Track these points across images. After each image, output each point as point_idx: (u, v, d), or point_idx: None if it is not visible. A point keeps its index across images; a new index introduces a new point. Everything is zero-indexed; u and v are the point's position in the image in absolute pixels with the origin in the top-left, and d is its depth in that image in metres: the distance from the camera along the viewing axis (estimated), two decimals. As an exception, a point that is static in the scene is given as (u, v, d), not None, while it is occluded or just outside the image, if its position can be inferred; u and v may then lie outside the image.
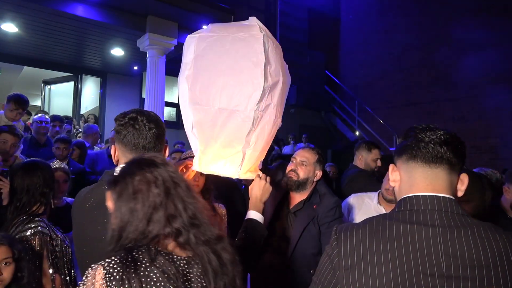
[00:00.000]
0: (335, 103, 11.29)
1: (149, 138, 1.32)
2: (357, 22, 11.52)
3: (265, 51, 1.46)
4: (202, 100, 1.50)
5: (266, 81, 1.45)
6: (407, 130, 1.10)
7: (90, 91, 9.05)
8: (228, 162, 1.55)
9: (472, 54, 8.39)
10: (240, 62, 1.46)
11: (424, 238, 0.90)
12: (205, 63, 1.52)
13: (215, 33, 1.56)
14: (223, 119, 1.48)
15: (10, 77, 8.93)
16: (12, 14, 5.20)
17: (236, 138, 1.50)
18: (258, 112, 1.48)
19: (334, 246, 1.00)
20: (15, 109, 3.57)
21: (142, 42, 5.82)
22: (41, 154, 3.78)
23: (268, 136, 1.58)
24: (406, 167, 1.03)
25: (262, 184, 1.61)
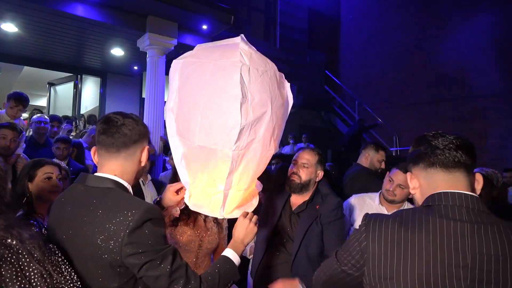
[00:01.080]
0: (335, 103, 11.29)
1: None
2: (357, 22, 11.52)
3: (242, 84, 1.30)
4: (185, 134, 1.40)
5: (246, 118, 1.29)
6: (419, 138, 1.14)
7: (90, 91, 9.06)
8: (213, 201, 1.45)
9: (472, 54, 8.39)
10: (218, 96, 1.32)
11: (452, 232, 0.96)
12: (186, 94, 1.40)
13: (198, 58, 1.42)
14: (205, 156, 1.36)
15: (10, 77, 8.93)
16: (12, 14, 5.20)
17: (217, 177, 1.39)
18: (239, 152, 1.33)
19: (363, 231, 1.07)
20: (15, 106, 3.63)
21: (142, 42, 5.81)
22: (41, 154, 3.78)
23: (255, 172, 1.45)
24: (425, 174, 1.09)
25: (246, 224, 1.46)
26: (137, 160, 1.30)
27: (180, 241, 1.96)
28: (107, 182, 1.22)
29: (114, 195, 1.18)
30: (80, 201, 1.18)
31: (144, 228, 1.10)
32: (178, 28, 5.83)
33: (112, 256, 1.09)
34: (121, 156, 1.25)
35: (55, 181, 1.88)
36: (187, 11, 5.60)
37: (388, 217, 1.07)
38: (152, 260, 1.10)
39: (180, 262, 1.17)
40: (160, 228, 1.16)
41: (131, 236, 1.08)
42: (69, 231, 1.16)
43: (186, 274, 1.16)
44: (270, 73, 1.43)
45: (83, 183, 1.23)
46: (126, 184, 1.26)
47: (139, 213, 1.10)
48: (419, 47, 9.56)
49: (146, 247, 1.10)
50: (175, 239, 1.97)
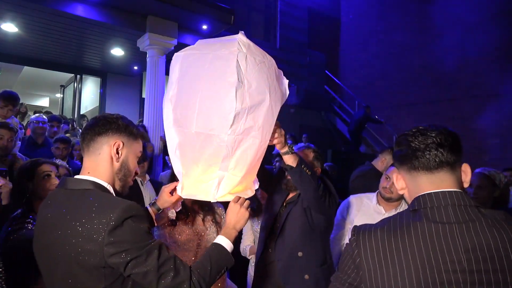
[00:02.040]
0: (335, 103, 11.30)
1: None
2: (357, 22, 11.52)
3: (238, 70, 1.34)
4: (182, 122, 1.42)
5: (242, 103, 1.33)
6: (398, 138, 1.11)
7: (90, 91, 9.06)
8: (208, 186, 1.47)
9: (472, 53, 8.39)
10: (216, 83, 1.36)
11: (442, 236, 0.93)
12: (186, 83, 1.44)
13: (198, 50, 1.47)
14: (201, 143, 1.39)
15: (10, 77, 8.94)
16: (12, 14, 5.20)
17: (214, 163, 1.41)
18: (235, 137, 1.36)
19: (355, 246, 1.03)
20: (5, 106, 3.40)
21: (142, 42, 5.81)
22: (39, 154, 3.78)
23: (253, 161, 1.46)
24: (409, 177, 1.06)
25: (237, 209, 1.44)
26: (108, 156, 1.25)
27: (179, 240, 1.97)
28: (85, 183, 1.20)
29: (92, 196, 1.16)
30: (61, 205, 1.18)
31: (125, 226, 1.09)
32: (178, 28, 5.83)
33: (95, 258, 1.08)
34: (90, 151, 1.25)
35: (54, 179, 1.91)
36: (187, 11, 5.59)
37: (377, 227, 1.03)
38: (137, 257, 1.09)
39: (167, 255, 1.15)
40: (142, 225, 1.14)
41: (111, 235, 1.07)
42: (52, 235, 1.14)
43: (175, 267, 1.15)
44: (268, 64, 1.47)
45: (64, 186, 1.22)
46: (106, 184, 1.23)
47: (118, 212, 1.09)
48: (419, 47, 9.56)
49: (128, 245, 1.08)
50: (173, 239, 1.98)
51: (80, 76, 8.42)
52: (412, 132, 1.06)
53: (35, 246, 1.22)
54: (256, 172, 1.59)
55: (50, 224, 1.16)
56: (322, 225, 2.06)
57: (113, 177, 1.27)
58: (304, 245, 2.02)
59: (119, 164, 1.27)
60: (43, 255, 1.19)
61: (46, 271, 1.20)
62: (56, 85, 9.60)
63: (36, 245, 1.22)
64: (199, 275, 1.20)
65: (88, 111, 8.96)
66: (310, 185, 1.81)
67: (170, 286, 1.13)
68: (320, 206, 1.93)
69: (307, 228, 2.03)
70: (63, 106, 9.51)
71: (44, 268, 1.21)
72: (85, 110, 8.86)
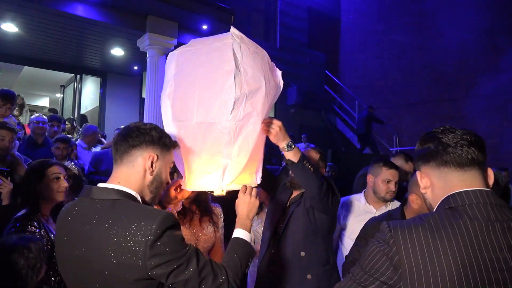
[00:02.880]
0: (335, 103, 11.30)
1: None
2: (357, 22, 11.53)
3: (235, 58, 1.39)
4: (182, 116, 1.45)
5: (240, 89, 1.37)
6: (427, 135, 1.08)
7: (90, 91, 9.06)
8: (213, 177, 1.48)
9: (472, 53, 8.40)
10: (214, 73, 1.41)
11: (485, 233, 0.91)
12: (183, 78, 1.48)
13: (193, 47, 1.52)
14: (202, 133, 1.42)
15: (10, 77, 8.94)
16: (12, 14, 5.20)
17: (217, 152, 1.43)
18: (236, 122, 1.39)
19: (392, 244, 0.96)
20: (3, 105, 3.35)
21: (142, 42, 5.82)
22: (39, 154, 3.78)
23: (255, 147, 1.49)
24: (438, 173, 1.03)
25: (247, 199, 1.44)
26: (141, 168, 1.22)
27: None
28: (113, 193, 1.16)
29: (123, 207, 1.12)
30: (89, 216, 1.12)
31: (165, 237, 1.07)
32: (178, 28, 5.83)
33: (136, 271, 1.06)
34: (123, 162, 1.22)
35: (63, 181, 1.89)
36: (187, 11, 5.60)
37: (416, 224, 0.97)
38: (179, 266, 1.08)
39: (204, 259, 1.16)
40: (179, 233, 1.14)
41: (153, 248, 1.05)
42: (85, 248, 1.11)
43: (212, 269, 1.16)
44: (261, 55, 1.53)
45: (89, 196, 1.18)
46: (134, 193, 1.20)
47: (158, 223, 1.07)
48: (419, 47, 9.57)
49: (170, 256, 1.07)
50: None
51: (80, 76, 8.42)
52: (440, 129, 1.05)
53: (61, 258, 1.18)
54: (258, 161, 1.61)
55: (81, 236, 1.12)
56: (325, 225, 2.06)
57: (143, 188, 1.24)
58: (307, 245, 2.02)
59: (152, 176, 1.24)
60: (73, 268, 1.14)
61: (76, 284, 1.16)
62: (56, 85, 9.60)
63: (62, 257, 1.17)
64: (233, 273, 1.22)
65: (88, 111, 8.96)
66: (314, 181, 1.81)
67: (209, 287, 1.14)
68: (323, 204, 1.92)
69: (310, 228, 2.03)
70: (63, 106, 9.51)
71: (73, 281, 1.16)
72: (85, 110, 8.86)
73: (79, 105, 8.53)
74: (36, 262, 1.42)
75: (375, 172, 2.41)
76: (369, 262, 1.01)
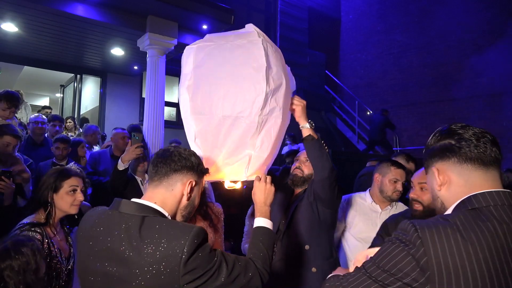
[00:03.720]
0: (335, 103, 11.30)
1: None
2: (357, 22, 11.52)
3: (265, 56, 1.46)
4: (205, 109, 1.49)
5: (269, 85, 1.44)
6: (447, 131, 1.03)
7: (90, 91, 9.06)
8: (235, 167, 1.53)
9: (472, 53, 8.39)
10: (240, 69, 1.46)
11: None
12: (205, 72, 1.52)
13: (213, 42, 1.57)
14: (227, 126, 1.47)
15: (10, 77, 8.94)
16: (12, 14, 5.20)
17: (241, 144, 1.49)
18: (263, 116, 1.47)
19: (419, 244, 0.89)
20: (8, 108, 3.27)
21: (142, 42, 5.81)
22: (38, 154, 3.78)
23: (276, 139, 1.57)
24: (459, 170, 0.98)
25: (263, 187, 1.49)
26: (179, 193, 1.22)
27: None
28: (143, 209, 1.15)
29: (153, 224, 1.10)
30: (119, 232, 1.10)
31: (197, 253, 1.07)
32: (178, 28, 5.82)
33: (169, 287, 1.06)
34: (162, 185, 1.21)
35: (79, 193, 1.84)
36: (187, 11, 5.59)
37: (444, 225, 0.91)
38: (211, 276, 1.10)
39: (231, 260, 1.17)
40: (208, 245, 1.14)
41: (188, 265, 1.05)
42: (112, 266, 1.08)
43: (242, 267, 1.18)
44: (279, 53, 1.62)
45: (117, 209, 1.16)
46: (166, 214, 1.19)
47: (189, 242, 1.06)
48: (419, 47, 9.56)
49: (203, 270, 1.08)
50: None
51: (80, 76, 8.41)
52: (459, 126, 1.01)
53: (86, 272, 1.15)
54: (273, 155, 1.66)
55: (109, 251, 1.09)
56: (328, 219, 2.09)
57: (177, 212, 1.25)
58: (311, 238, 2.05)
59: (187, 202, 1.26)
60: (99, 284, 1.11)
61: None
62: (56, 85, 9.60)
63: (87, 271, 1.14)
64: (262, 261, 1.25)
65: (88, 111, 8.96)
66: (327, 162, 1.84)
67: (243, 284, 1.16)
68: (330, 191, 1.94)
69: (315, 222, 2.06)
70: (63, 106, 9.52)
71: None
72: (85, 110, 8.86)
73: (79, 105, 8.53)
74: (28, 265, 1.41)
75: (383, 172, 2.42)
76: (389, 261, 0.93)
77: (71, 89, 8.85)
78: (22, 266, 1.40)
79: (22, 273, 1.39)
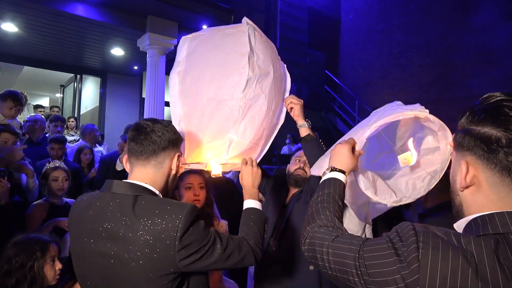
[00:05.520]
0: (335, 103, 11.29)
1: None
2: (357, 22, 11.52)
3: (250, 42, 1.51)
4: (191, 92, 1.54)
5: (252, 70, 1.47)
6: (494, 106, 0.73)
7: (90, 91, 9.06)
8: (218, 151, 1.56)
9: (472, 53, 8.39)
10: (228, 55, 1.52)
11: None
12: (196, 58, 1.58)
13: (206, 32, 1.65)
14: (211, 109, 1.51)
15: (10, 77, 8.94)
16: (12, 14, 5.20)
17: (224, 128, 1.52)
18: (246, 101, 1.49)
19: (414, 269, 0.69)
20: (14, 106, 3.43)
21: (142, 42, 5.82)
22: (35, 152, 3.79)
23: (259, 127, 1.57)
24: (496, 182, 0.71)
25: (249, 170, 1.51)
26: (167, 168, 1.24)
27: None
28: (134, 188, 1.16)
29: (147, 203, 1.11)
30: (113, 212, 1.11)
31: (191, 230, 1.09)
32: (178, 28, 5.83)
33: (165, 266, 1.07)
34: (150, 163, 1.21)
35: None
36: (187, 11, 5.60)
37: (455, 250, 0.67)
38: (206, 252, 1.12)
39: (225, 238, 1.19)
40: (202, 221, 1.15)
41: (183, 241, 1.07)
42: (107, 245, 1.09)
43: (234, 243, 1.20)
44: (270, 45, 1.66)
45: (109, 190, 1.17)
46: (157, 192, 1.21)
47: (183, 219, 1.07)
48: (419, 47, 9.56)
49: (199, 245, 1.10)
50: None
51: (80, 76, 8.41)
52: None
53: (83, 254, 1.15)
54: (262, 146, 1.67)
55: (104, 232, 1.10)
56: None
57: (163, 185, 1.26)
58: None
59: (174, 173, 1.28)
60: (95, 265, 1.12)
61: (97, 281, 1.14)
62: (56, 85, 9.60)
63: (85, 253, 1.14)
64: (254, 239, 1.29)
65: (88, 111, 8.96)
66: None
67: (237, 261, 1.19)
68: None
69: None
70: (63, 106, 9.52)
71: (93, 278, 1.14)
72: (85, 110, 8.86)
73: (79, 105, 8.53)
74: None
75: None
76: (376, 267, 0.75)
77: (71, 89, 8.84)
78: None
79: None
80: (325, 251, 0.88)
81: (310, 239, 0.96)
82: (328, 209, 1.03)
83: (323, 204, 1.05)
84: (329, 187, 1.10)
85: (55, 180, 2.66)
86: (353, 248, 0.81)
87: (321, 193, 1.09)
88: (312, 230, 0.98)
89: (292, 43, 10.98)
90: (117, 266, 1.08)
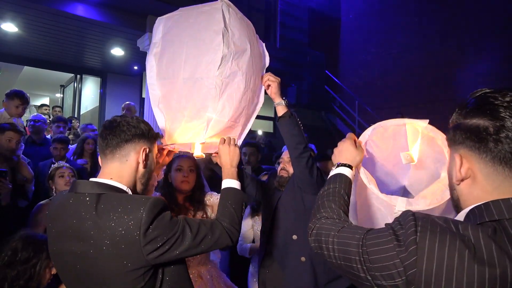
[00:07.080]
0: (335, 103, 11.28)
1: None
2: (357, 22, 11.52)
3: (224, 19, 1.48)
4: (168, 73, 1.52)
5: (227, 47, 1.45)
6: (480, 99, 0.75)
7: (90, 91, 9.06)
8: (197, 131, 1.54)
9: (472, 54, 8.39)
10: (202, 33, 1.50)
11: None
12: (171, 38, 1.56)
13: (181, 11, 1.63)
14: (189, 89, 1.49)
15: (10, 77, 8.94)
16: (12, 14, 5.20)
17: (202, 107, 1.50)
18: (223, 79, 1.47)
19: (412, 251, 0.70)
20: (21, 105, 3.54)
21: (142, 42, 5.81)
22: (38, 153, 3.80)
23: (238, 104, 1.55)
24: (489, 171, 0.73)
25: (227, 149, 1.50)
26: (134, 162, 1.21)
27: None
28: (98, 187, 1.14)
29: (110, 200, 1.10)
30: (79, 211, 1.10)
31: (155, 223, 1.08)
32: (178, 28, 5.83)
33: (133, 261, 1.07)
34: (115, 157, 1.20)
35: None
36: (187, 11, 5.60)
37: (452, 235, 0.68)
38: (175, 243, 1.11)
39: (195, 224, 1.18)
40: (167, 213, 1.14)
41: (147, 236, 1.06)
42: (77, 244, 1.09)
43: (207, 228, 1.20)
44: (246, 22, 1.64)
45: (74, 190, 1.16)
46: (125, 188, 1.19)
47: (146, 212, 1.06)
48: (419, 47, 9.56)
49: (165, 237, 1.09)
50: None
51: (80, 76, 8.42)
52: (500, 96, 0.72)
53: (58, 253, 1.16)
54: (242, 125, 1.65)
55: (74, 231, 1.10)
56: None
57: (135, 182, 1.24)
58: (298, 228, 2.02)
59: (144, 169, 1.25)
60: (69, 264, 1.13)
61: (71, 279, 1.15)
62: (56, 85, 9.60)
63: (58, 252, 1.15)
64: (229, 219, 1.28)
65: (88, 111, 8.96)
66: (303, 138, 1.86)
67: (211, 244, 1.19)
68: (309, 172, 1.90)
69: (300, 211, 2.02)
70: (63, 106, 9.53)
71: (70, 277, 1.15)
72: (85, 110, 8.86)
73: (79, 105, 8.53)
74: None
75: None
76: (377, 253, 0.76)
77: (71, 89, 8.85)
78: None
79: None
80: (330, 241, 0.90)
81: (317, 230, 0.99)
82: (334, 202, 1.07)
83: (328, 197, 1.09)
84: (335, 182, 1.14)
85: (61, 176, 2.67)
86: (356, 236, 0.83)
87: (327, 188, 1.14)
88: (319, 222, 1.01)
89: (292, 43, 10.98)
90: (86, 264, 1.09)
